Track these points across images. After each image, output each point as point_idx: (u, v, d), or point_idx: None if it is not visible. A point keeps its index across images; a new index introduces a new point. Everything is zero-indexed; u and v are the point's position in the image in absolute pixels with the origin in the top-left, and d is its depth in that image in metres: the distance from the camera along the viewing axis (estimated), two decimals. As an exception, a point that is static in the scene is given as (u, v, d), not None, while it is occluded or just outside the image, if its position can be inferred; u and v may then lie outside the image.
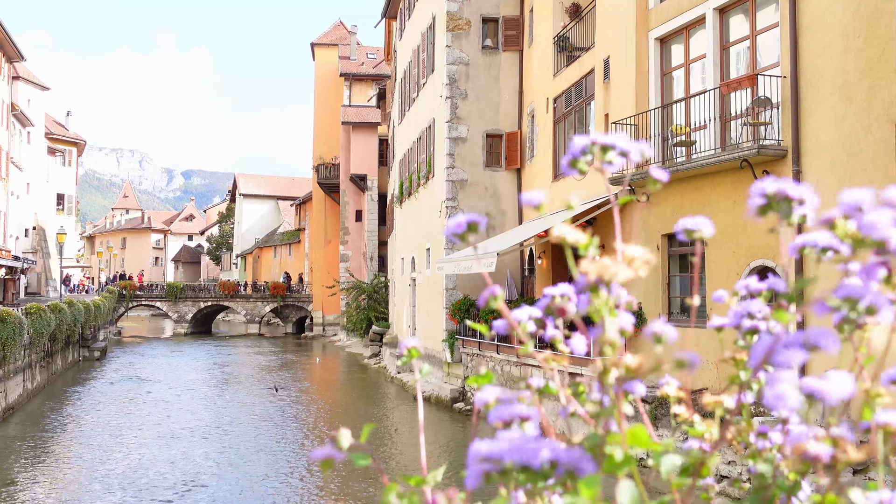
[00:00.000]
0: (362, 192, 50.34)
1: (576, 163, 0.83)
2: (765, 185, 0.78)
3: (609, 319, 0.76)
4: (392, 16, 36.47)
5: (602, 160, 0.82)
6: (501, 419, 0.79)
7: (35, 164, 55.28)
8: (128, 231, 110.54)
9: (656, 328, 0.83)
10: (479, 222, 0.86)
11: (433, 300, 25.57)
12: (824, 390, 0.64)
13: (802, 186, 0.79)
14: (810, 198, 0.78)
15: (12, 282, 47.32)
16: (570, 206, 0.91)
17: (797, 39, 12.35)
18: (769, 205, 0.78)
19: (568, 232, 0.78)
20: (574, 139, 0.81)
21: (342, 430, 0.84)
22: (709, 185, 14.29)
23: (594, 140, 0.83)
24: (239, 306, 58.51)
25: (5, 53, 46.63)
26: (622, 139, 0.84)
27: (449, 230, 0.87)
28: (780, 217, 0.78)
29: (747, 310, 0.97)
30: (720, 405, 0.98)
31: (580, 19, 20.37)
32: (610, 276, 0.74)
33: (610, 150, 0.83)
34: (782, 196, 0.77)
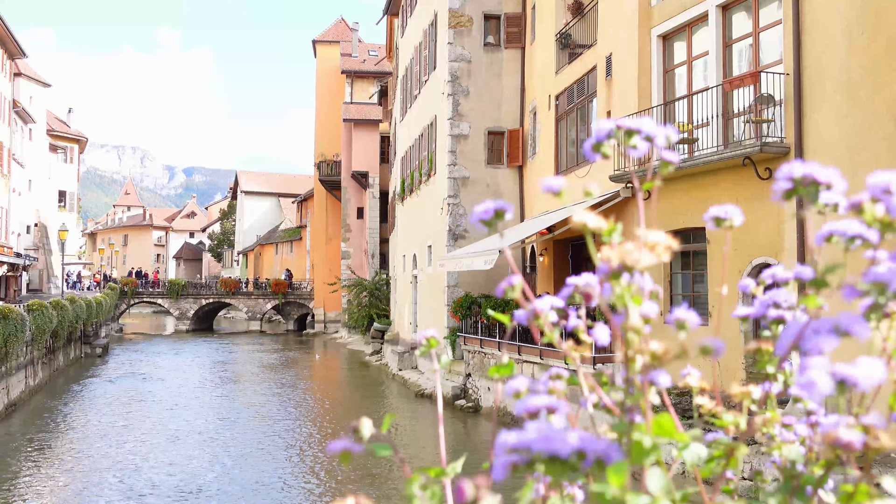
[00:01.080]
0: (364, 190, 50.32)
1: (600, 146, 0.83)
2: (792, 169, 0.78)
3: (632, 306, 0.75)
4: (394, 13, 36.44)
5: (626, 145, 0.82)
6: (528, 410, 0.79)
7: (37, 161, 55.29)
8: (129, 228, 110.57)
9: (679, 314, 0.82)
10: (506, 209, 0.85)
11: (435, 297, 25.56)
12: (856, 376, 0.63)
13: (830, 170, 0.79)
14: (838, 182, 0.77)
15: (14, 278, 47.36)
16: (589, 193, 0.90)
17: (800, 36, 12.33)
18: (795, 189, 0.77)
19: (589, 218, 0.77)
20: (599, 122, 0.80)
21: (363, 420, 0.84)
22: (711, 182, 14.27)
23: (619, 124, 0.82)
24: (240, 303, 58.53)
25: (7, 50, 46.62)
26: (648, 123, 0.84)
27: (476, 216, 0.86)
28: (806, 201, 0.77)
29: (773, 299, 0.96)
30: (748, 396, 0.97)
31: (582, 16, 20.34)
32: (633, 262, 0.73)
33: (635, 134, 0.82)
34: (810, 179, 0.76)
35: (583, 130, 19.94)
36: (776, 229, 12.77)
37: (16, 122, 49.48)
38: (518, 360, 18.91)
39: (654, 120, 9.65)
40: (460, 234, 23.63)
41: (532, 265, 23.56)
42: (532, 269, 23.55)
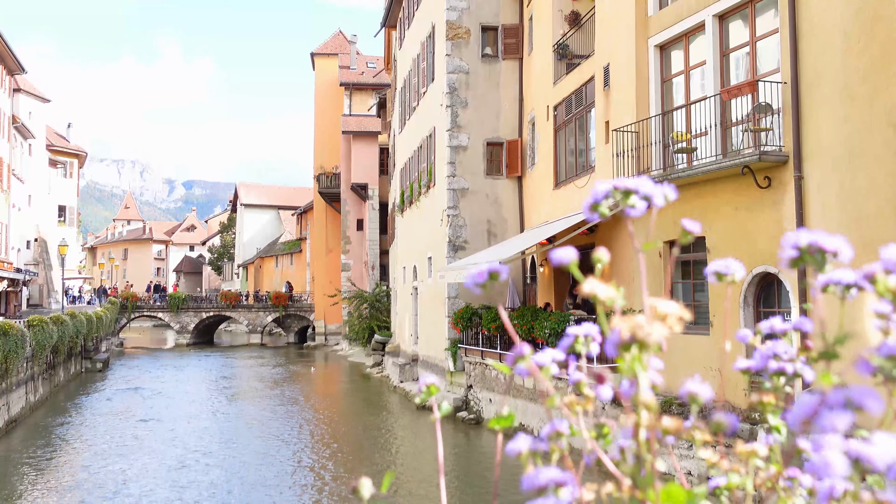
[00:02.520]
0: (363, 202, 50.34)
1: (597, 207, 0.81)
2: (798, 238, 0.76)
3: (642, 376, 0.72)
4: (391, 25, 36.53)
5: (624, 204, 0.80)
6: (535, 486, 0.76)
7: (36, 176, 55.33)
8: (129, 242, 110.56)
9: (692, 388, 0.79)
10: (501, 271, 0.83)
11: (435, 309, 25.52)
12: (873, 456, 0.61)
13: (836, 238, 0.76)
14: (845, 250, 0.74)
15: (14, 294, 47.31)
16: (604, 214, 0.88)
17: (797, 44, 12.34)
18: (801, 257, 0.75)
19: (599, 289, 0.75)
20: (596, 184, 0.79)
21: (363, 481, 0.82)
22: (710, 191, 14.26)
23: (616, 185, 0.81)
24: (241, 316, 58.47)
25: (6, 66, 46.73)
26: (645, 184, 0.82)
27: (472, 280, 0.84)
28: (814, 270, 0.75)
29: (773, 351, 0.93)
30: (754, 454, 0.94)
31: (580, 27, 20.39)
32: (644, 336, 0.71)
33: (632, 194, 0.81)
34: (815, 248, 0.74)
35: (581, 140, 19.95)
36: (776, 237, 12.74)
37: (15, 138, 49.54)
38: (519, 372, 18.86)
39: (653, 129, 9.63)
40: (460, 246, 23.61)
41: (532, 276, 23.53)
42: (533, 279, 23.52)
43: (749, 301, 13.50)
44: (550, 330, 17.06)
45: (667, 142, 15.52)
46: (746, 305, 13.51)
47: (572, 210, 19.46)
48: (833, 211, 11.55)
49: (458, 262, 22.04)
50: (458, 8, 24.19)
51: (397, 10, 34.01)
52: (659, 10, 16.11)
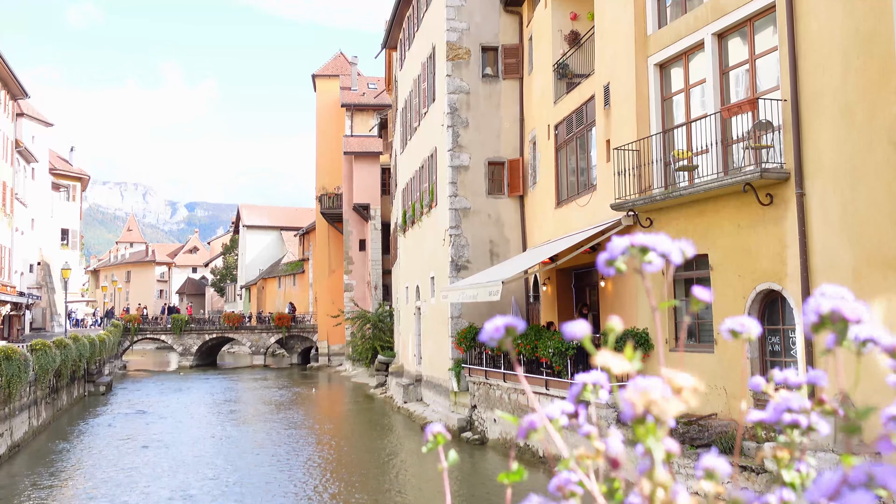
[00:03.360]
0: (365, 222, 50.41)
1: (612, 262, 0.81)
2: (819, 304, 0.75)
3: (657, 451, 0.71)
4: (392, 46, 36.73)
5: (642, 261, 0.80)
6: None
7: (39, 200, 55.50)
8: (132, 264, 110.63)
9: (708, 463, 0.78)
10: (517, 326, 0.83)
11: (438, 329, 25.47)
12: None
13: (858, 305, 0.76)
14: (868, 318, 0.74)
15: (17, 318, 47.31)
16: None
17: (796, 62, 12.39)
18: (823, 323, 0.74)
19: (613, 362, 0.74)
20: (613, 239, 0.79)
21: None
22: (712, 209, 14.27)
23: (633, 242, 0.80)
24: (244, 338, 58.38)
25: (9, 91, 47.02)
26: (662, 241, 0.82)
27: (486, 335, 0.84)
28: (836, 338, 0.74)
29: (787, 404, 0.92)
30: None
31: (579, 46, 20.49)
32: (659, 412, 0.70)
33: (649, 251, 0.80)
34: (837, 316, 0.73)
35: (582, 159, 19.99)
36: (779, 255, 12.73)
37: (18, 162, 49.74)
38: (524, 391, 18.78)
39: (654, 148, 9.64)
40: (463, 265, 23.60)
41: (536, 294, 23.49)
42: (536, 298, 23.48)
43: (753, 318, 13.45)
44: (554, 349, 17.01)
45: (668, 160, 15.55)
46: (750, 323, 13.45)
47: (574, 228, 19.46)
48: (835, 228, 11.54)
49: (460, 282, 22.02)
50: (458, 29, 24.33)
51: (397, 31, 34.22)
52: (658, 30, 16.19)
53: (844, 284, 10.19)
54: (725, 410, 13.77)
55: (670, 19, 16.06)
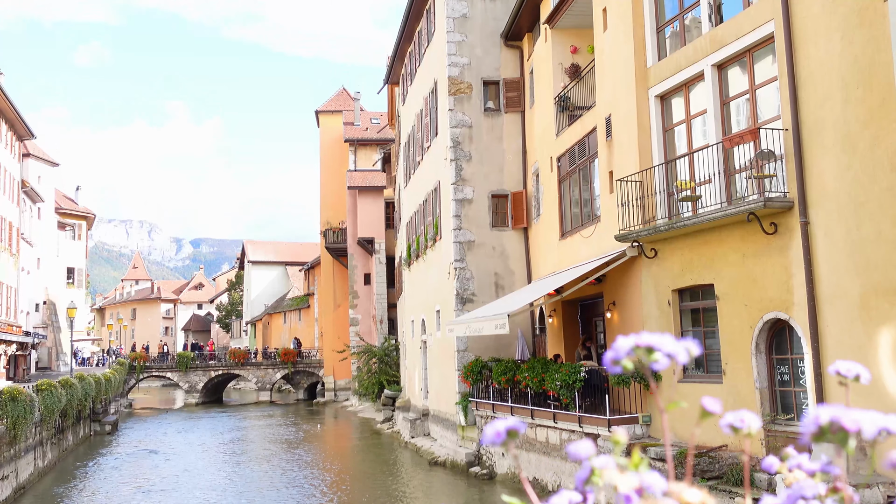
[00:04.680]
0: (370, 256, 50.46)
1: (618, 362, 0.81)
2: (819, 415, 0.74)
3: None
4: (394, 82, 37.04)
5: (649, 360, 0.80)
6: None
7: (45, 239, 55.72)
8: (138, 302, 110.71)
9: None
10: (519, 429, 0.83)
11: (445, 362, 25.37)
12: None
13: (857, 414, 0.75)
14: (868, 426, 0.73)
15: (23, 357, 47.25)
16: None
17: (797, 92, 12.46)
18: (822, 434, 0.73)
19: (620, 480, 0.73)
20: (618, 340, 0.79)
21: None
22: (716, 238, 14.26)
23: (639, 343, 0.81)
24: (249, 374, 58.20)
25: (16, 132, 47.45)
26: (668, 342, 0.82)
27: (488, 439, 0.84)
28: (836, 449, 0.73)
29: (800, 493, 0.91)
30: None
31: (580, 79, 20.64)
32: None
33: (655, 352, 0.80)
34: (837, 426, 0.73)
35: (586, 190, 20.04)
36: (785, 284, 12.69)
37: (24, 202, 50.04)
38: (532, 424, 18.64)
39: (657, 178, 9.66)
40: (468, 298, 23.57)
41: (542, 326, 23.42)
42: (542, 330, 23.40)
43: (761, 348, 13.39)
44: (562, 382, 16.91)
45: (671, 190, 15.57)
46: (759, 353, 13.38)
47: (579, 260, 19.45)
48: (841, 256, 11.51)
49: (466, 316, 21.96)
50: (459, 64, 24.55)
51: (399, 66, 34.54)
52: (658, 62, 16.31)
53: (852, 313, 10.15)
54: (736, 442, 13.63)
55: (669, 51, 16.18)
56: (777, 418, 12.97)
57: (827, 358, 11.80)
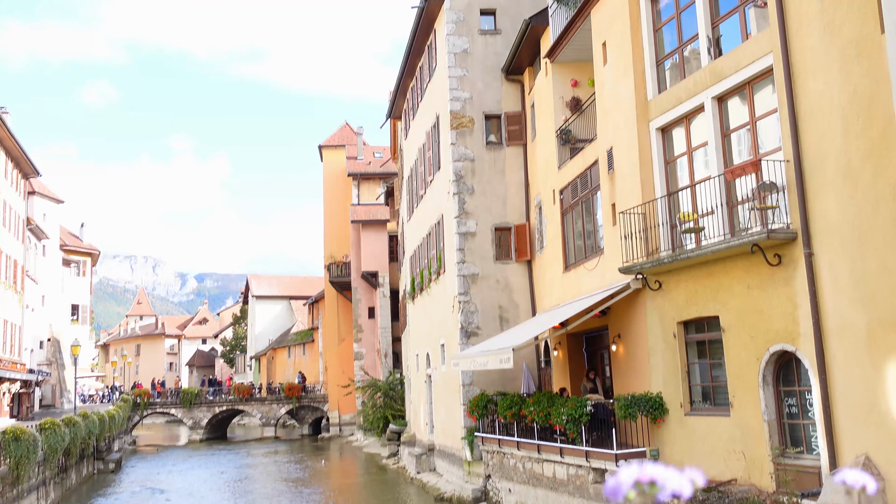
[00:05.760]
0: (374, 289, 50.43)
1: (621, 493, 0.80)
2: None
3: None
4: (397, 116, 37.31)
5: (652, 494, 0.78)
6: None
7: (50, 276, 55.82)
8: (142, 338, 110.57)
9: None
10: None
11: (450, 397, 25.22)
12: None
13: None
14: None
15: (27, 395, 47.08)
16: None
17: (797, 124, 12.49)
18: None
19: None
20: (620, 472, 0.78)
21: None
22: (721, 270, 14.22)
23: (640, 478, 0.79)
24: (254, 409, 57.90)
25: (22, 170, 47.77)
26: (673, 477, 0.80)
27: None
28: None
29: None
30: None
31: (581, 112, 20.76)
32: None
33: (657, 488, 0.79)
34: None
35: (589, 223, 20.05)
36: (791, 315, 12.63)
37: (29, 240, 50.22)
38: (538, 459, 18.46)
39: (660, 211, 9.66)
40: (473, 332, 23.49)
41: (547, 359, 23.31)
42: (547, 363, 23.29)
43: (768, 380, 13.29)
44: (568, 416, 16.78)
45: (674, 222, 15.58)
46: (766, 385, 13.28)
47: (583, 292, 19.41)
48: (846, 288, 11.46)
49: (471, 350, 21.88)
50: (461, 98, 24.73)
51: (402, 101, 34.80)
52: (658, 94, 16.40)
53: (859, 345, 10.09)
54: (745, 475, 13.47)
55: (670, 84, 16.28)
56: (787, 451, 12.84)
57: (835, 390, 11.70)
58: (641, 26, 16.91)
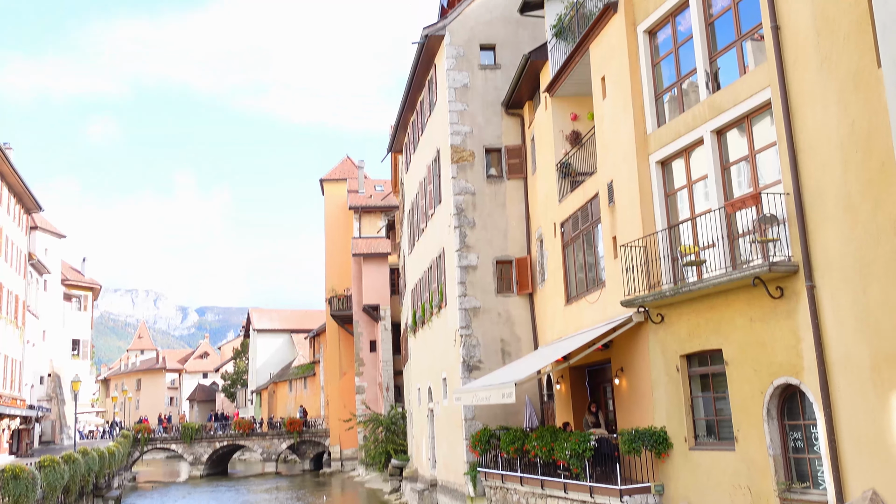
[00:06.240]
0: (375, 322, 50.31)
1: None
2: None
3: None
4: (398, 150, 37.50)
5: None
6: None
7: (51, 311, 55.77)
8: (143, 372, 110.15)
9: None
10: None
11: (452, 431, 25.03)
12: None
13: None
14: None
15: (27, 431, 46.79)
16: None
17: (796, 157, 12.53)
18: None
19: None
20: None
21: None
22: (723, 303, 14.18)
23: None
24: (255, 444, 57.48)
25: (24, 206, 47.94)
26: None
27: None
28: None
29: None
30: None
31: (581, 146, 20.85)
32: None
33: None
34: None
35: (590, 255, 20.04)
36: (794, 348, 12.56)
37: (31, 275, 50.25)
38: (542, 495, 18.27)
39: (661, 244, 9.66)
40: (475, 366, 23.39)
41: (549, 393, 23.17)
42: (550, 396, 23.15)
43: (773, 414, 13.18)
44: (571, 451, 16.63)
45: (675, 255, 15.57)
46: (770, 419, 13.17)
47: (585, 325, 19.34)
48: (849, 321, 11.41)
49: (473, 384, 21.76)
50: (461, 132, 24.88)
51: (403, 135, 35.01)
52: (657, 128, 16.48)
53: (863, 379, 10.04)
54: (751, 511, 13.30)
55: (668, 116, 16.37)
56: (793, 486, 12.70)
57: (840, 424, 11.60)
58: (640, 61, 17.04)
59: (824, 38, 11.99)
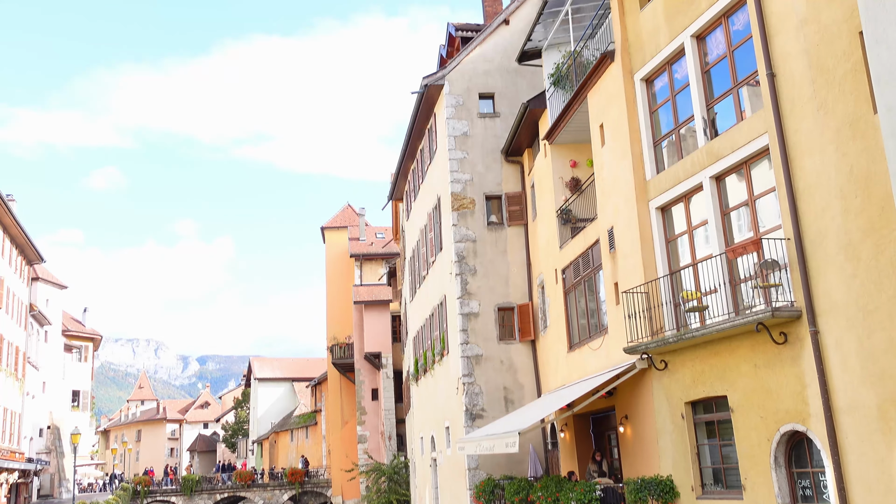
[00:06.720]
0: (377, 370, 49.99)
1: None
2: None
3: None
4: (398, 198, 37.68)
5: None
6: None
7: (51, 362, 55.51)
8: (143, 423, 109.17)
9: None
10: None
11: (456, 481, 24.70)
12: None
13: None
14: None
15: (25, 485, 46.20)
16: None
17: (796, 202, 12.56)
18: None
19: None
20: None
21: None
22: (726, 349, 14.09)
23: None
24: (256, 496, 56.74)
25: (26, 257, 48.03)
26: None
27: None
28: None
29: None
30: None
31: (581, 192, 20.94)
32: None
33: None
34: None
35: (592, 302, 19.99)
36: (800, 394, 12.45)
37: (32, 326, 50.12)
38: (547, 547, 17.95)
39: (662, 290, 9.62)
40: (477, 414, 23.17)
41: (554, 441, 22.91)
42: (554, 445, 22.88)
43: (780, 462, 13.01)
44: (577, 501, 16.39)
45: (677, 301, 15.51)
46: (778, 467, 12.99)
47: (588, 372, 19.20)
48: (855, 367, 11.32)
49: (476, 433, 21.53)
50: (461, 180, 25.02)
51: (403, 183, 35.20)
52: (657, 174, 16.56)
53: (871, 425, 9.92)
54: (761, 562, 13.04)
55: (667, 162, 16.46)
56: (803, 536, 12.47)
57: (849, 472, 11.44)
58: (637, 108, 17.20)
59: (820, 86, 12.11)
